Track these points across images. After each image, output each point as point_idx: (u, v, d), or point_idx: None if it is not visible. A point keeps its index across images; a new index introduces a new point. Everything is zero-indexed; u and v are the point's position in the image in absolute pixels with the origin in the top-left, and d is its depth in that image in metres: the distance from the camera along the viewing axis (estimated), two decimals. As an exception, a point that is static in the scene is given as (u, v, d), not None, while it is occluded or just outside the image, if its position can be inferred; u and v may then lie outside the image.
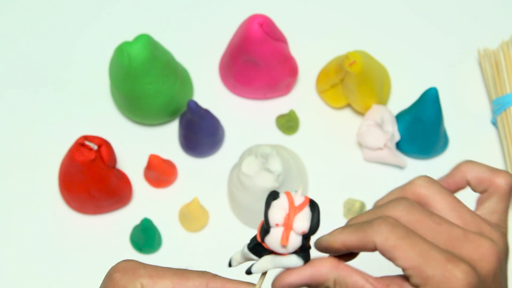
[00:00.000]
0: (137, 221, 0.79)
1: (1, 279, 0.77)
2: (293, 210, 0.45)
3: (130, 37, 0.79)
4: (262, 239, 0.46)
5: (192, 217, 0.78)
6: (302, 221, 0.45)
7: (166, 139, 0.85)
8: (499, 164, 0.83)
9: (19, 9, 0.95)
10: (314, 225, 0.45)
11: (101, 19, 0.94)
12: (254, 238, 0.47)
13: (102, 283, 0.53)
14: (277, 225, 0.45)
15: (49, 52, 0.91)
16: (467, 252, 0.43)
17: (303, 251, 0.46)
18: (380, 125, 0.81)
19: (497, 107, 0.83)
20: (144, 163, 0.81)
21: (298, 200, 0.45)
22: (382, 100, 0.85)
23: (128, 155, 0.83)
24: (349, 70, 0.79)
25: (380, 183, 0.81)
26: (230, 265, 0.50)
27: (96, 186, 0.76)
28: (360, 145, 0.83)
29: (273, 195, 0.46)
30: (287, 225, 0.45)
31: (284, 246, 0.45)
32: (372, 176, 0.82)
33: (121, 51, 0.77)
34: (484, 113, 0.87)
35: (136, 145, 0.84)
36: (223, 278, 0.49)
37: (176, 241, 0.79)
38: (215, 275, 0.49)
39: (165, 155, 0.81)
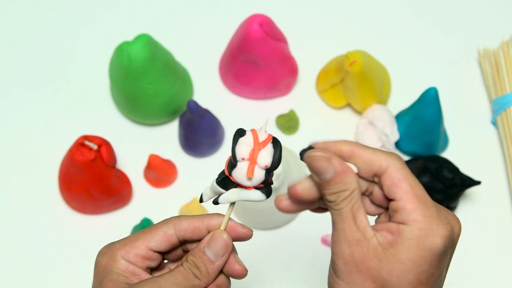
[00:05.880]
0: (137, 221, 0.79)
1: (2, 279, 0.77)
2: (257, 145, 0.49)
3: (130, 37, 0.79)
4: (230, 173, 0.50)
5: (192, 217, 0.78)
6: (265, 156, 0.49)
7: (166, 139, 0.85)
8: (499, 164, 0.83)
9: (19, 10, 0.95)
10: (276, 160, 0.49)
11: (101, 19, 0.94)
12: (222, 172, 0.51)
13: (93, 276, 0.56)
14: (243, 159, 0.49)
15: (50, 53, 0.91)
16: (446, 213, 0.48)
17: (266, 187, 0.50)
18: (372, 124, 0.81)
19: (497, 107, 0.83)
20: (144, 163, 0.81)
21: (262, 137, 0.49)
22: (382, 100, 0.85)
23: (128, 155, 0.83)
24: (349, 70, 0.79)
25: (380, 183, 0.81)
26: (201, 200, 0.53)
27: (96, 186, 0.76)
28: (360, 145, 0.83)
29: (240, 132, 0.50)
30: (252, 159, 0.49)
31: (249, 178, 0.49)
32: (372, 176, 0.82)
33: (121, 51, 0.77)
34: (484, 113, 0.87)
35: (136, 145, 0.84)
36: (188, 216, 0.52)
37: (176, 241, 0.79)
38: (179, 217, 0.52)
39: (165, 155, 0.81)
